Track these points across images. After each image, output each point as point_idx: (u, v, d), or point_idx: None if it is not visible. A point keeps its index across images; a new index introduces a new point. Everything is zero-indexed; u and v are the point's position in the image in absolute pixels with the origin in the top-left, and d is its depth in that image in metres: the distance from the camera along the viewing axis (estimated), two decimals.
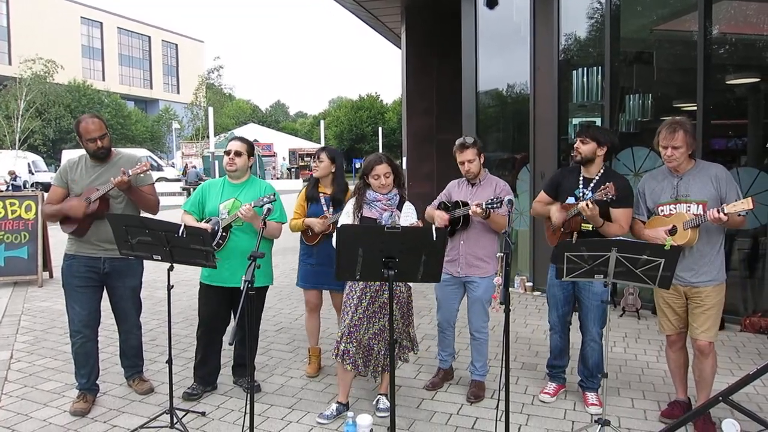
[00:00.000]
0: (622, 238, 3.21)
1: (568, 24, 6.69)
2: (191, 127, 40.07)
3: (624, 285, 5.84)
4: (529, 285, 7.04)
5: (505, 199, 3.46)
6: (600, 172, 3.68)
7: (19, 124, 30.81)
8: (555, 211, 3.77)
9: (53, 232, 7.56)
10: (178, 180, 31.44)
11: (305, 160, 40.03)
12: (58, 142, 38.13)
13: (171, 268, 3.39)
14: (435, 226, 2.79)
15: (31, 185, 26.73)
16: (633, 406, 3.82)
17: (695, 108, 5.63)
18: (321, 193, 4.27)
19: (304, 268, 4.36)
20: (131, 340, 4.03)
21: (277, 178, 36.99)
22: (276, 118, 70.95)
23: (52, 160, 36.68)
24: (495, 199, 3.58)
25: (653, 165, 5.81)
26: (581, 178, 3.73)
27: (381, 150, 28.56)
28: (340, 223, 3.62)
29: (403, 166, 10.37)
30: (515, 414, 3.64)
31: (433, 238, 2.73)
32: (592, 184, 3.66)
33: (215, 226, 3.82)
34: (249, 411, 2.96)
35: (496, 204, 3.57)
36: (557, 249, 3.16)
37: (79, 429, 3.54)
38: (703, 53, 5.51)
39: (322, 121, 43.83)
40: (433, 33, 10.10)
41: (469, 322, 3.99)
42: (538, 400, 3.90)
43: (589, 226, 3.58)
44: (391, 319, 2.88)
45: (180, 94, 61.31)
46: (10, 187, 22.55)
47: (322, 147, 4.53)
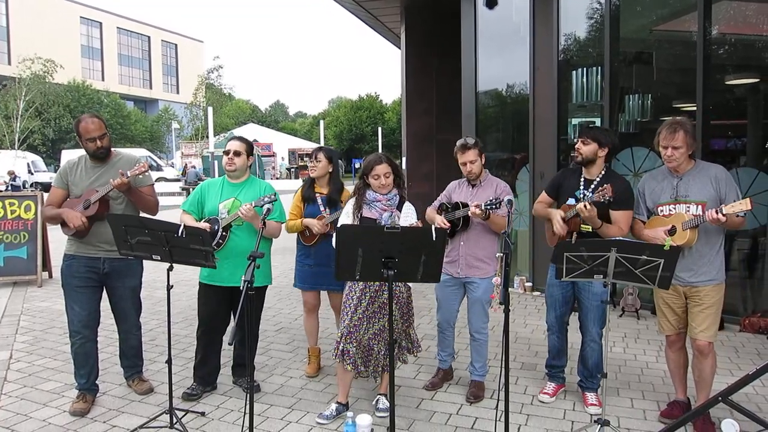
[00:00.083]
0: (621, 238, 3.21)
1: (568, 24, 6.69)
2: (191, 127, 40.09)
3: (623, 285, 5.85)
4: (528, 285, 7.05)
5: (505, 199, 3.45)
6: (601, 173, 3.67)
7: (18, 123, 30.82)
8: (558, 220, 3.71)
9: (53, 232, 7.56)
10: (178, 180, 31.46)
11: (304, 160, 40.02)
12: (57, 142, 38.11)
13: (170, 268, 3.38)
14: (435, 227, 2.79)
15: (31, 185, 26.73)
16: (632, 406, 3.82)
17: (695, 108, 5.63)
18: (317, 194, 4.26)
19: (302, 269, 4.33)
20: (131, 340, 4.03)
21: (277, 178, 36.98)
22: (275, 118, 70.93)
23: (52, 160, 36.66)
24: (494, 200, 3.58)
25: (653, 165, 5.81)
26: (582, 180, 3.73)
27: (380, 150, 28.52)
28: (340, 223, 3.62)
29: (403, 167, 10.38)
30: (515, 414, 3.64)
31: (433, 239, 2.73)
32: (593, 186, 3.65)
33: (215, 226, 3.82)
34: (248, 411, 2.96)
35: (495, 205, 3.57)
36: (557, 249, 3.16)
37: (79, 429, 3.54)
38: (702, 54, 5.51)
39: (322, 121, 43.78)
40: (433, 33, 10.10)
41: (468, 323, 3.99)
42: (538, 400, 3.90)
43: (589, 227, 3.58)
44: (390, 319, 2.88)
45: (179, 94, 61.32)
46: (10, 187, 22.56)
47: (319, 147, 4.51)
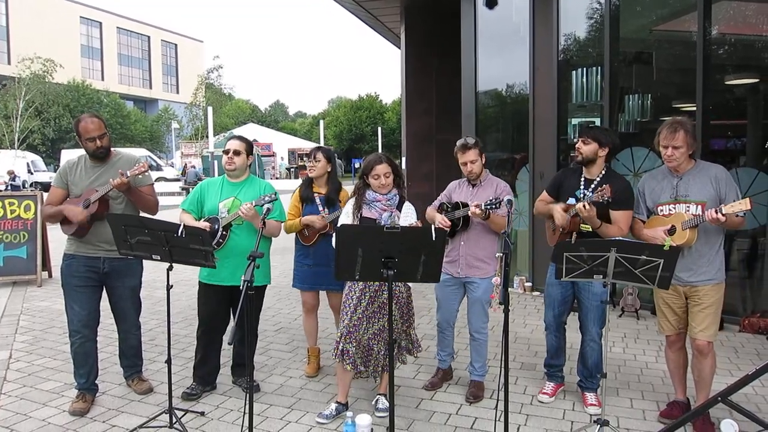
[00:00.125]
0: (621, 238, 3.21)
1: (568, 24, 6.69)
2: (190, 127, 40.08)
3: (623, 285, 5.84)
4: (528, 285, 7.05)
5: (505, 199, 3.45)
6: (601, 173, 3.67)
7: (18, 123, 30.80)
8: (558, 210, 3.72)
9: (52, 231, 7.55)
10: (178, 180, 31.47)
11: (304, 160, 39.97)
12: (57, 142, 38.09)
13: (170, 268, 3.38)
14: (435, 227, 2.79)
15: (30, 185, 26.74)
16: (632, 406, 3.82)
17: (694, 108, 5.63)
18: (316, 193, 4.26)
19: (301, 269, 4.32)
20: (130, 340, 4.03)
21: (276, 178, 36.98)
22: (275, 118, 70.91)
23: (51, 159, 36.65)
24: (494, 200, 3.58)
25: (652, 165, 5.81)
26: (582, 179, 3.72)
27: (380, 150, 28.52)
28: (340, 223, 3.62)
29: (403, 167, 10.38)
30: (514, 414, 3.64)
31: (433, 239, 2.73)
32: (593, 185, 3.64)
33: (215, 225, 3.81)
34: (248, 411, 2.96)
35: (495, 204, 3.57)
36: (556, 249, 3.16)
37: (78, 429, 3.53)
38: (702, 54, 5.51)
39: (322, 121, 43.83)
40: (433, 33, 10.10)
41: (468, 323, 3.99)
42: (537, 400, 3.90)
43: (589, 226, 3.58)
44: (390, 319, 2.88)
45: (179, 93, 61.32)
46: (9, 187, 22.57)
47: (318, 147, 4.50)
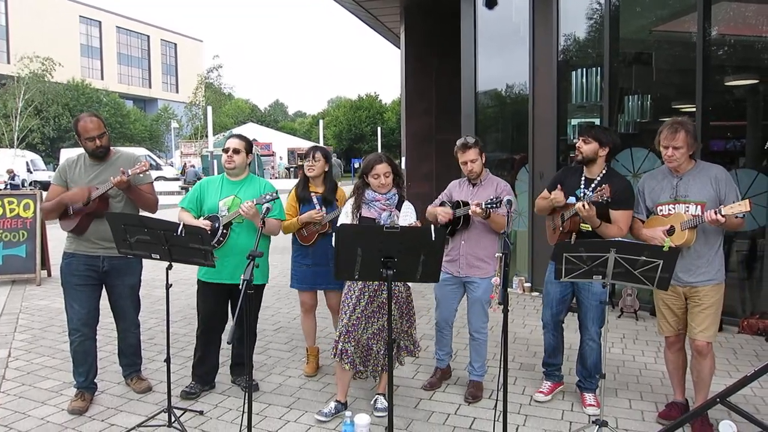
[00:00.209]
0: (620, 238, 3.21)
1: (568, 24, 6.69)
2: (190, 127, 40.05)
3: (622, 286, 5.85)
4: (527, 285, 7.05)
5: (504, 199, 3.45)
6: (602, 172, 3.66)
7: (17, 122, 30.78)
8: (557, 193, 3.65)
9: (52, 230, 7.56)
10: (177, 179, 31.47)
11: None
12: (56, 141, 38.06)
13: (169, 267, 3.38)
14: (434, 226, 2.79)
15: (30, 184, 26.73)
16: (630, 407, 3.82)
17: (694, 109, 5.63)
18: (312, 193, 4.25)
19: (300, 269, 4.31)
20: (129, 339, 4.03)
21: (276, 178, 36.99)
22: (275, 118, 70.83)
23: (51, 158, 36.62)
24: (495, 199, 3.58)
25: (652, 166, 5.81)
26: (583, 178, 3.72)
27: (380, 150, 28.54)
28: (340, 222, 3.62)
29: (402, 166, 10.38)
30: (513, 414, 3.63)
31: (432, 238, 2.73)
32: (593, 185, 3.64)
33: (215, 223, 3.81)
34: (247, 410, 2.96)
35: (495, 204, 3.57)
36: (556, 249, 3.15)
37: (77, 427, 3.53)
38: (702, 54, 5.51)
39: (321, 121, 43.81)
40: (433, 33, 10.11)
41: (468, 323, 3.99)
42: (533, 399, 3.90)
43: (589, 226, 3.58)
44: (389, 319, 2.88)
45: (179, 93, 61.27)
46: (9, 186, 22.56)
47: (315, 146, 4.49)
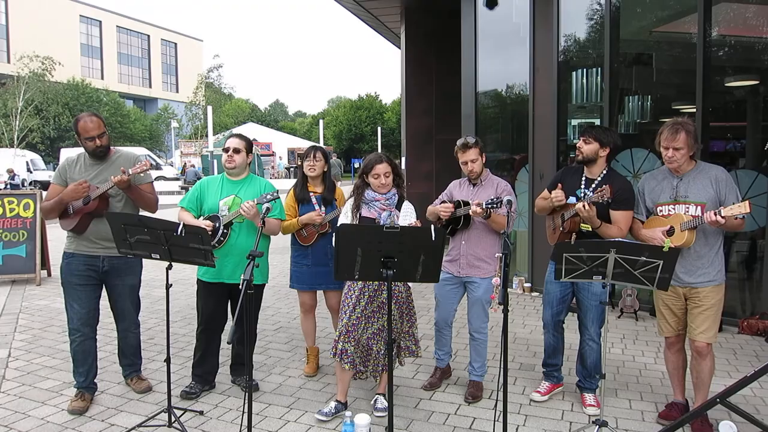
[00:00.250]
0: (620, 239, 3.21)
1: (568, 25, 6.69)
2: (190, 126, 40.05)
3: (622, 286, 5.85)
4: (527, 285, 7.05)
5: (505, 199, 3.45)
6: (603, 173, 3.66)
7: (17, 122, 30.78)
8: (557, 192, 3.66)
9: (52, 230, 7.56)
10: (177, 179, 31.47)
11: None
12: (56, 141, 38.06)
13: (169, 267, 3.38)
14: (434, 226, 2.79)
15: (30, 183, 26.73)
16: (630, 407, 3.82)
17: (694, 110, 5.63)
18: (311, 193, 4.25)
19: (300, 270, 4.30)
20: (130, 339, 4.03)
21: (275, 178, 36.99)
22: (275, 118, 70.81)
23: (51, 158, 36.62)
24: (495, 199, 3.57)
25: (652, 166, 5.82)
26: (583, 179, 3.72)
27: (380, 150, 28.56)
28: (340, 222, 3.62)
29: (402, 166, 10.38)
30: (513, 414, 3.64)
31: (432, 238, 2.73)
32: (594, 185, 3.64)
33: (216, 223, 3.81)
34: (247, 410, 2.96)
35: (496, 204, 3.57)
36: (556, 249, 3.15)
37: (77, 427, 3.53)
38: (702, 55, 5.52)
39: (321, 121, 43.82)
40: (433, 33, 10.11)
41: (468, 323, 3.99)
42: (529, 398, 3.91)
43: (589, 226, 3.58)
44: (389, 319, 2.88)
45: (179, 92, 61.25)
46: (9, 186, 22.56)
47: (315, 146, 4.49)
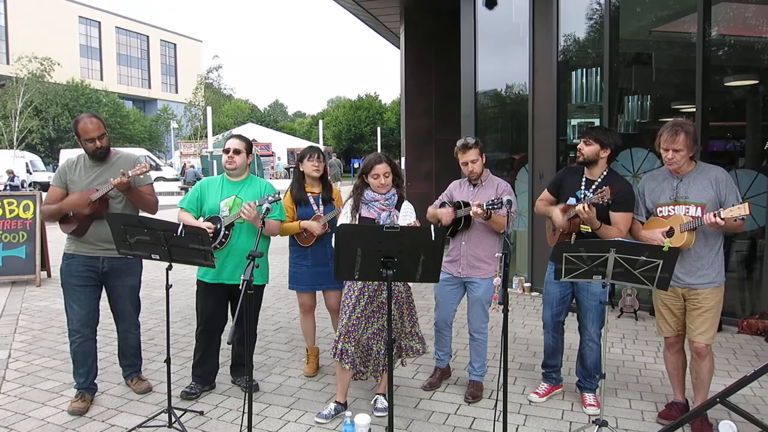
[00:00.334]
0: (620, 239, 3.21)
1: (568, 25, 6.69)
2: (189, 127, 40.04)
3: (622, 286, 5.85)
4: (527, 285, 7.05)
5: (504, 199, 3.45)
6: (603, 174, 3.66)
7: (16, 123, 30.77)
8: (558, 214, 3.71)
9: (51, 231, 7.55)
10: (177, 179, 31.47)
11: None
12: (56, 142, 38.06)
13: (169, 268, 3.38)
14: (434, 226, 2.79)
15: (29, 185, 26.72)
16: (630, 407, 3.82)
17: (694, 110, 5.63)
18: (309, 193, 4.26)
19: (299, 270, 4.30)
20: (130, 340, 4.03)
21: (275, 178, 36.99)
22: (274, 118, 70.77)
23: (50, 159, 36.62)
24: (496, 200, 3.57)
25: (652, 166, 5.82)
26: (584, 180, 3.72)
27: (379, 150, 28.55)
28: (339, 223, 3.62)
29: (402, 166, 10.38)
30: (513, 414, 3.64)
31: (432, 238, 2.74)
32: (594, 186, 3.64)
33: (217, 224, 3.81)
34: (247, 410, 2.96)
35: (497, 205, 3.56)
36: (556, 249, 3.16)
37: (77, 428, 3.53)
38: (702, 55, 5.52)
39: (321, 121, 43.80)
40: (433, 33, 10.12)
41: (468, 323, 3.99)
42: (527, 399, 3.91)
43: (588, 227, 3.58)
44: (389, 319, 2.88)
45: (178, 93, 61.25)
46: (8, 187, 22.55)
47: (315, 147, 4.49)
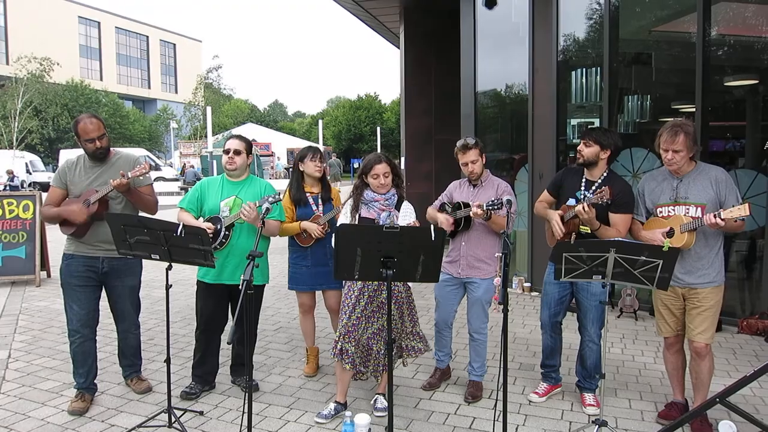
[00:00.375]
0: (620, 239, 3.21)
1: (567, 25, 6.69)
2: (189, 127, 40.03)
3: (622, 286, 5.85)
4: (527, 285, 7.06)
5: (504, 199, 3.45)
6: (603, 175, 3.66)
7: (16, 123, 30.77)
8: (556, 221, 3.68)
9: (51, 231, 7.55)
10: (176, 180, 31.46)
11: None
12: (55, 142, 38.05)
13: (169, 268, 3.38)
14: (434, 226, 2.79)
15: (29, 185, 26.71)
16: (630, 407, 3.83)
17: (694, 109, 5.63)
18: (308, 193, 4.26)
19: (299, 270, 4.29)
20: (130, 340, 4.03)
21: (275, 178, 36.98)
22: (274, 118, 70.75)
23: (50, 159, 36.61)
24: (496, 201, 3.57)
25: (652, 166, 5.82)
26: (584, 180, 3.72)
27: (379, 150, 28.55)
28: (339, 222, 3.62)
29: (402, 166, 10.38)
30: (513, 414, 3.64)
31: (432, 239, 2.74)
32: (594, 187, 3.64)
33: (217, 225, 3.81)
34: (247, 410, 2.96)
35: (497, 205, 3.56)
36: (556, 249, 3.16)
37: (77, 428, 3.53)
38: (701, 55, 5.52)
39: (321, 121, 43.77)
40: (432, 33, 10.12)
41: (468, 323, 3.99)
42: (527, 399, 3.91)
43: (588, 228, 3.58)
44: (389, 319, 2.88)
45: (178, 93, 61.24)
46: (8, 187, 22.55)
47: (316, 147, 4.48)
